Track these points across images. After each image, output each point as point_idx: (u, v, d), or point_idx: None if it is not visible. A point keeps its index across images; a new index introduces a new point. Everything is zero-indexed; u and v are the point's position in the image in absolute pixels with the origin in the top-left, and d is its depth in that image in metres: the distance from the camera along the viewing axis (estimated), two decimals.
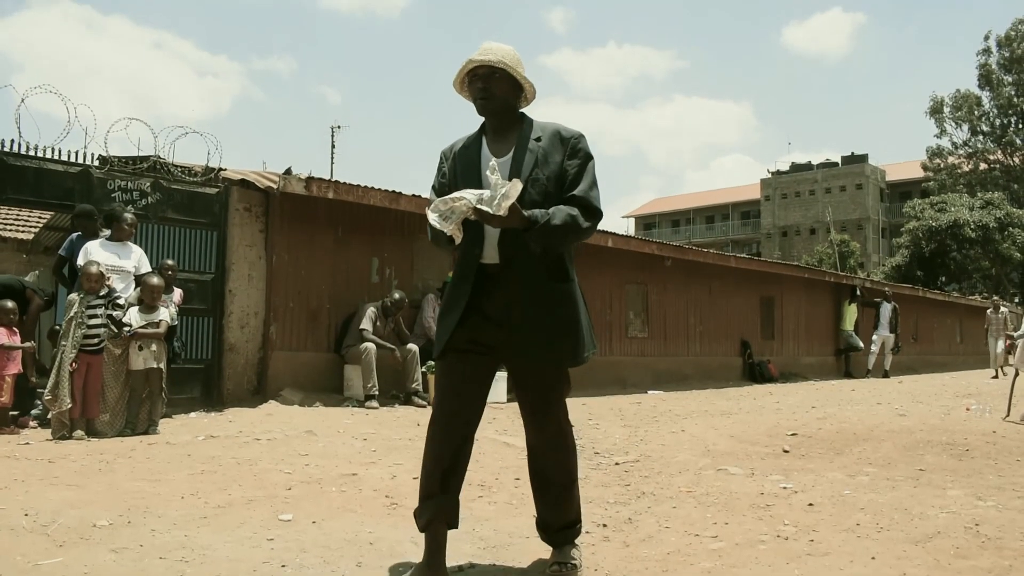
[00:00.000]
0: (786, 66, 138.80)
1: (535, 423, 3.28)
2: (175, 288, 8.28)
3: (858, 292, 19.62)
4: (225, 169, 9.37)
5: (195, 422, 7.65)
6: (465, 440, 3.16)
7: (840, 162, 66.71)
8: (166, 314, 7.21)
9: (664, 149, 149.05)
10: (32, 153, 8.05)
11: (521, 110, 3.20)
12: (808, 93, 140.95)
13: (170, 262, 8.25)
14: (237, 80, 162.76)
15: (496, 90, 3.05)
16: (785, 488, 4.85)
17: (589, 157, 3.10)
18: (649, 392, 12.46)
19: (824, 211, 58.76)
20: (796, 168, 68.82)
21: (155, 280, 7.23)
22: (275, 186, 8.99)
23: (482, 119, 3.18)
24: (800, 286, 18.51)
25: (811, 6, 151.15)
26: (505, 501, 4.63)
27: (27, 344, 7.19)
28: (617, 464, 5.76)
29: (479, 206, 2.75)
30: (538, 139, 3.06)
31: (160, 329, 7.08)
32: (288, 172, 9.12)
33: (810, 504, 4.40)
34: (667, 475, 5.34)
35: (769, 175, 70.03)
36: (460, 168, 3.12)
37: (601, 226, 3.50)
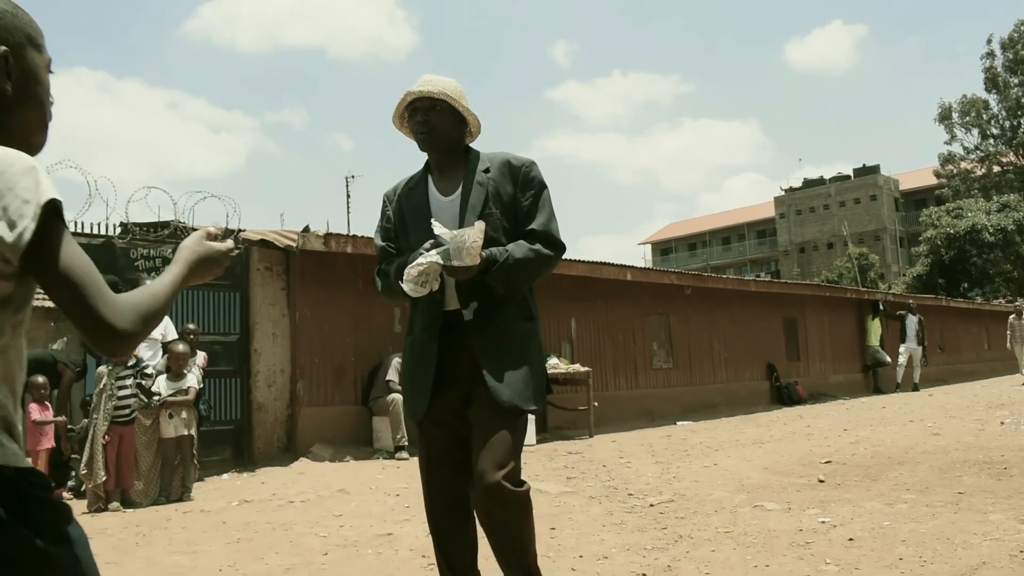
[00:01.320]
0: (791, 83, 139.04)
1: (477, 468, 2.74)
2: (198, 351, 8.36)
3: (881, 306, 19.48)
4: (244, 230, 9.48)
5: (228, 484, 7.68)
6: (465, 515, 2.93)
7: (852, 175, 66.50)
8: (194, 380, 7.29)
9: (676, 174, 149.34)
10: None
11: (468, 145, 3.02)
12: (815, 108, 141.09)
13: (191, 326, 8.33)
14: (251, 134, 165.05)
15: (438, 124, 2.85)
16: (823, 522, 4.80)
17: (543, 186, 2.93)
18: (678, 423, 12.39)
19: (840, 225, 58.46)
20: (809, 184, 68.67)
21: (181, 347, 7.30)
22: (294, 244, 9.09)
23: (425, 157, 3.00)
24: (822, 304, 18.41)
25: (811, 21, 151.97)
26: (542, 553, 4.58)
27: (59, 418, 7.28)
28: (652, 506, 5.73)
29: (452, 263, 2.64)
30: (487, 171, 2.88)
31: (189, 396, 7.15)
32: (306, 230, 9.22)
33: (850, 539, 4.36)
34: (703, 515, 5.31)
35: (782, 192, 69.90)
36: (407, 211, 2.95)
37: (620, 258, 3.40)
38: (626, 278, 13.02)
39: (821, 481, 6.23)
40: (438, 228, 2.67)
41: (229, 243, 1.61)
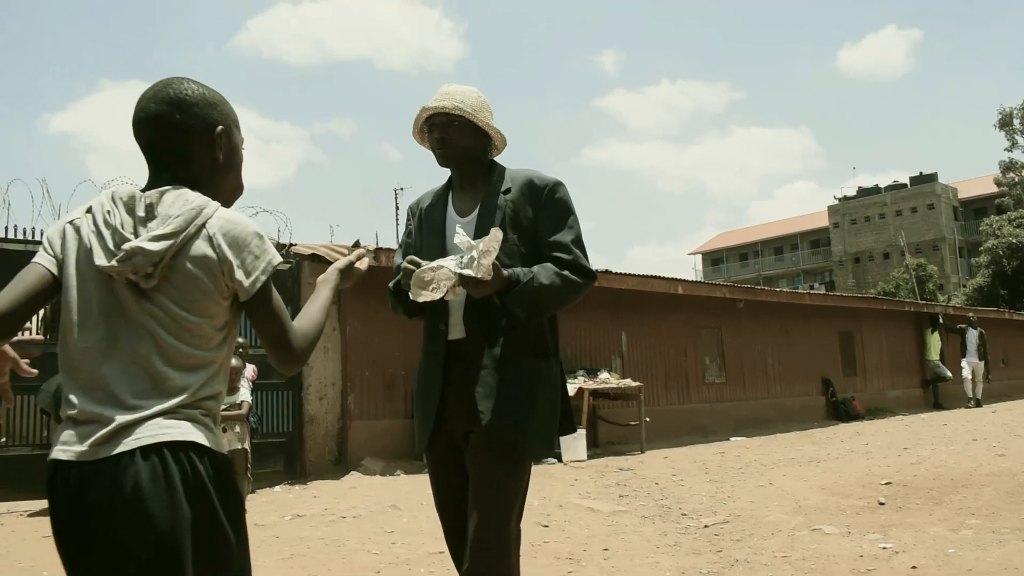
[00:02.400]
0: (844, 89, 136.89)
1: (470, 523, 2.51)
2: (248, 364, 8.44)
3: (940, 319, 19.02)
4: (296, 244, 9.58)
5: (280, 497, 7.73)
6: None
7: (909, 183, 65.22)
8: (246, 393, 7.36)
9: (726, 182, 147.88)
10: None
11: (494, 159, 2.80)
12: (869, 115, 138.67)
13: (241, 340, 8.41)
14: (301, 145, 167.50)
15: (456, 140, 2.66)
16: (885, 548, 4.67)
17: (569, 209, 2.66)
18: (731, 439, 12.21)
19: (896, 234, 57.41)
20: (864, 192, 67.49)
21: (234, 362, 7.38)
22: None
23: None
24: (879, 318, 18.02)
25: (864, 27, 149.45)
26: None
27: None
28: (706, 527, 5.63)
29: (461, 271, 2.38)
30: (507, 191, 2.65)
31: (242, 410, 7.21)
32: (356, 244, 9.28)
33: (913, 567, 4.23)
34: (759, 537, 5.20)
35: (836, 201, 68.81)
36: (425, 230, 2.77)
37: (668, 268, 3.09)
38: (677, 291, 12.89)
39: (881, 504, 6.07)
40: (460, 236, 2.44)
41: (359, 252, 2.12)
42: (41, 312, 9.92)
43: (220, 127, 1.74)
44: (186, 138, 1.70)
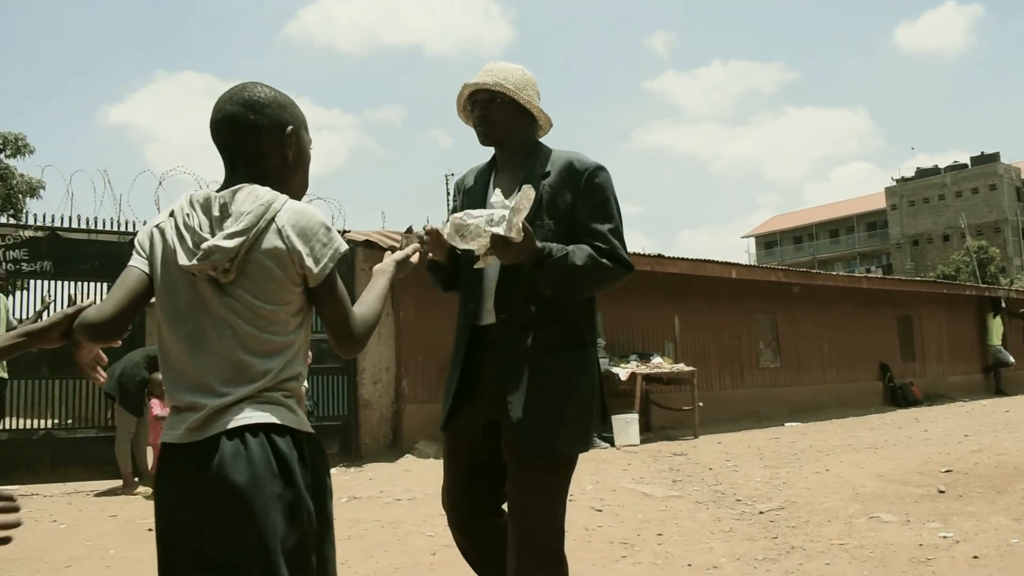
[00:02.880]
0: (901, 67, 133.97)
1: (509, 525, 2.47)
2: None
3: (1003, 304, 18.55)
4: (349, 231, 9.68)
5: (337, 480, 7.84)
6: (483, 528, 2.65)
7: (970, 163, 63.62)
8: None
9: (780, 164, 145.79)
10: None
11: (539, 140, 2.70)
12: (928, 94, 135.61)
13: None
14: (352, 132, 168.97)
15: (497, 117, 2.58)
16: (945, 537, 4.60)
17: (609, 195, 2.55)
18: (786, 425, 12.08)
19: (957, 216, 55.99)
20: (922, 173, 66.00)
21: None
22: (398, 245, 9.17)
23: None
24: (939, 302, 17.63)
25: (922, 3, 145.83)
26: (649, 561, 4.55)
27: None
28: (761, 513, 5.60)
29: (492, 228, 2.30)
30: (547, 174, 2.55)
31: None
32: (409, 230, 9.25)
33: (975, 557, 4.16)
34: (815, 524, 5.16)
35: (894, 183, 67.40)
36: (466, 207, 2.67)
37: (721, 251, 2.86)
38: (731, 276, 12.75)
39: (941, 492, 5.96)
40: (496, 196, 2.39)
41: (413, 246, 2.25)
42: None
43: (290, 127, 1.85)
44: (258, 137, 1.81)
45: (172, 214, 1.77)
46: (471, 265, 2.51)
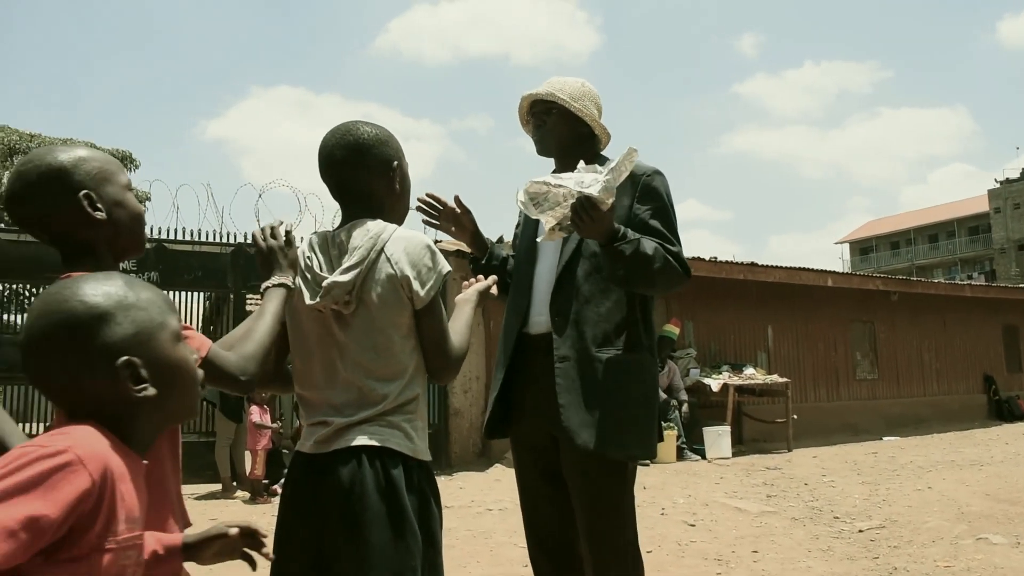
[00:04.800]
0: (1004, 63, 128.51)
1: (580, 529, 2.43)
2: None
3: None
4: (440, 241, 9.82)
5: None
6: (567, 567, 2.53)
7: None
8: None
9: (874, 167, 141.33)
10: None
11: (599, 153, 2.65)
12: None
13: None
14: (439, 142, 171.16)
15: (553, 128, 2.59)
16: None
17: (667, 199, 2.51)
18: (884, 439, 11.72)
19: None
20: None
21: None
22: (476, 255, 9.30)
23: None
24: None
25: None
26: None
27: (274, 425, 7.88)
28: (861, 531, 5.44)
29: (583, 189, 2.20)
30: None
31: None
32: (500, 240, 9.42)
33: None
34: (919, 545, 4.99)
35: (997, 184, 64.66)
36: (522, 220, 2.69)
37: (813, 258, 2.69)
38: (827, 284, 12.45)
39: None
40: (582, 164, 2.33)
41: (492, 277, 2.22)
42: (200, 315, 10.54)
43: (395, 162, 1.96)
44: (369, 177, 1.93)
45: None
46: (519, 270, 2.54)
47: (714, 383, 10.36)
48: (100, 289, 1.11)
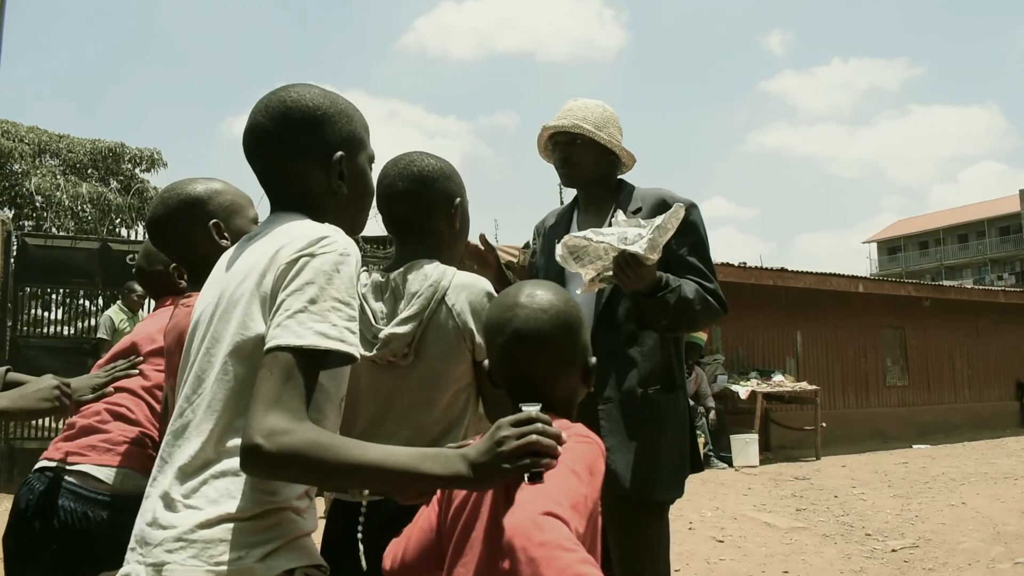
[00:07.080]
0: None
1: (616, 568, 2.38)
2: None
3: None
4: (469, 243, 9.79)
5: None
6: None
7: None
8: None
9: (903, 166, 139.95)
10: None
11: (621, 177, 2.64)
12: None
13: None
14: (466, 139, 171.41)
15: (579, 159, 2.53)
16: None
17: (703, 233, 2.50)
18: (914, 447, 11.56)
19: None
20: None
21: None
22: (515, 260, 9.26)
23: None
24: None
25: None
26: None
27: None
28: (894, 551, 5.35)
29: (627, 247, 2.14)
30: (637, 211, 2.46)
31: None
32: (527, 246, 9.37)
33: None
34: (954, 568, 4.90)
35: None
36: (547, 250, 2.62)
37: (841, 257, 2.69)
38: (857, 289, 12.29)
39: None
40: (620, 215, 2.29)
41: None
42: None
43: (458, 199, 1.88)
44: (431, 212, 1.84)
45: None
46: None
47: (742, 390, 10.25)
48: None
